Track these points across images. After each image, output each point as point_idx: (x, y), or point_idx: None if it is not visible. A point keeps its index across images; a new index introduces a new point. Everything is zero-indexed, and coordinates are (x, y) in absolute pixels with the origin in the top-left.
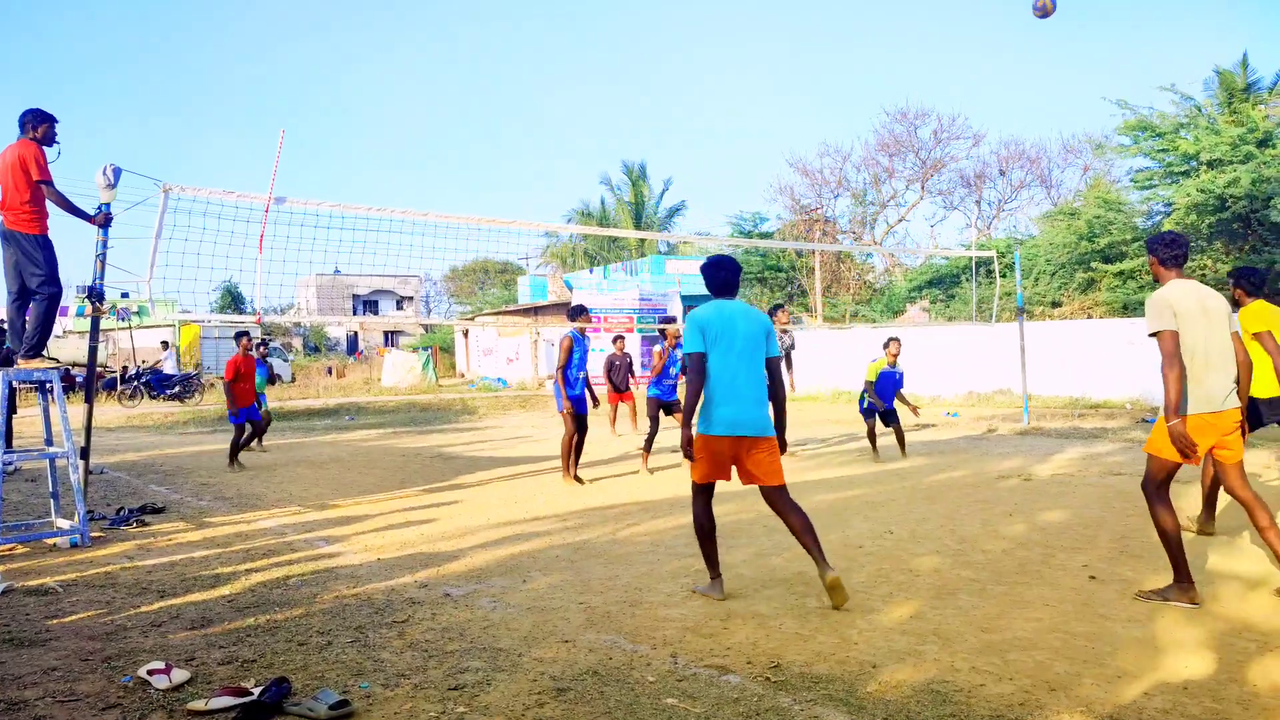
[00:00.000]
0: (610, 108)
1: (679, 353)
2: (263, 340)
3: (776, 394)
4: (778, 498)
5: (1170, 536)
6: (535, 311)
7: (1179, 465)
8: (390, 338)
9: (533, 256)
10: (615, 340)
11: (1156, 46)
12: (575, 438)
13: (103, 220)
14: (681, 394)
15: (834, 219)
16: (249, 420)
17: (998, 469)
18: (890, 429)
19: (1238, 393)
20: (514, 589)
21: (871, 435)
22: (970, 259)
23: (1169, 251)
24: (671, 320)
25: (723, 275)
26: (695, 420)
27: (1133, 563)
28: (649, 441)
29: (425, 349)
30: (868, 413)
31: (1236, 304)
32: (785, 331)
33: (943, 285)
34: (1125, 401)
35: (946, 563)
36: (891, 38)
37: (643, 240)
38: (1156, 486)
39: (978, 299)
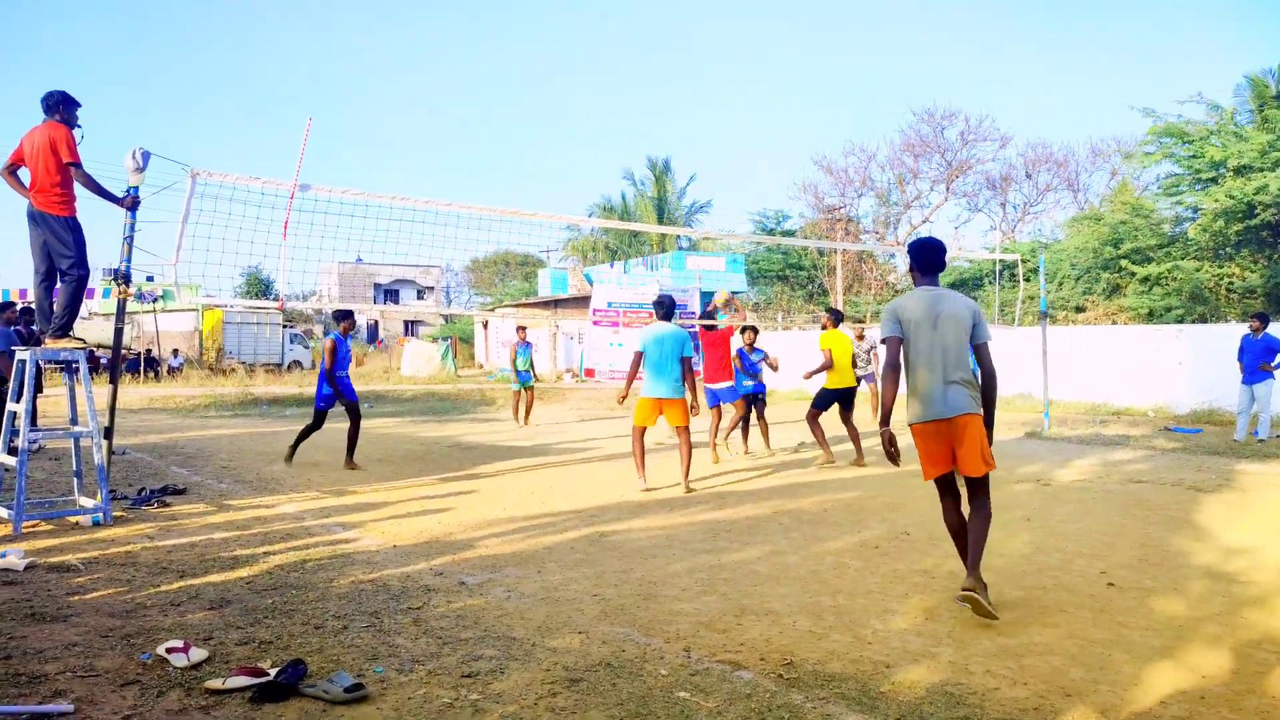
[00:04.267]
0: (635, 104)
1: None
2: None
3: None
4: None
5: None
6: (555, 304)
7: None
8: (410, 327)
9: (554, 250)
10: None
11: (1188, 51)
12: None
13: (130, 203)
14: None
15: (857, 218)
16: None
17: (1017, 473)
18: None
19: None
20: (529, 579)
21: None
22: (994, 262)
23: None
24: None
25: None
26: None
27: (1152, 571)
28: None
29: (445, 339)
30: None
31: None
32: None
33: (965, 288)
34: (1148, 409)
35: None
36: (920, 38)
37: (664, 235)
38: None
39: (1000, 302)
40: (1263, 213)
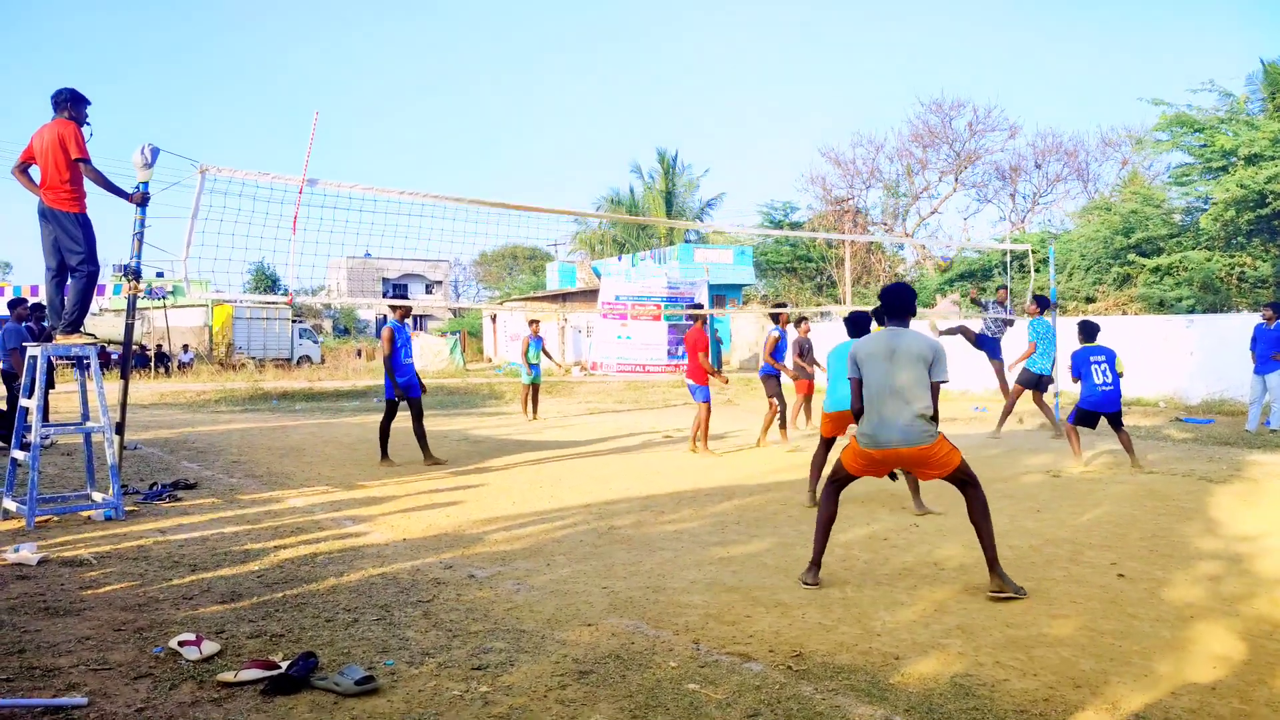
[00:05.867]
0: (642, 97)
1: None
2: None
3: None
4: None
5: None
6: (564, 298)
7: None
8: (419, 321)
9: (562, 243)
10: (800, 323)
11: (1200, 38)
12: (390, 422)
13: (140, 199)
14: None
15: (865, 210)
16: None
17: (1026, 465)
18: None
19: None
20: (538, 572)
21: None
22: (1003, 252)
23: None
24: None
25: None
26: None
27: (1163, 562)
28: (784, 418)
29: (453, 333)
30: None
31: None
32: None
33: (975, 278)
34: (1159, 399)
35: (972, 557)
36: (928, 27)
37: (672, 228)
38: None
39: (1010, 293)
40: (1274, 202)
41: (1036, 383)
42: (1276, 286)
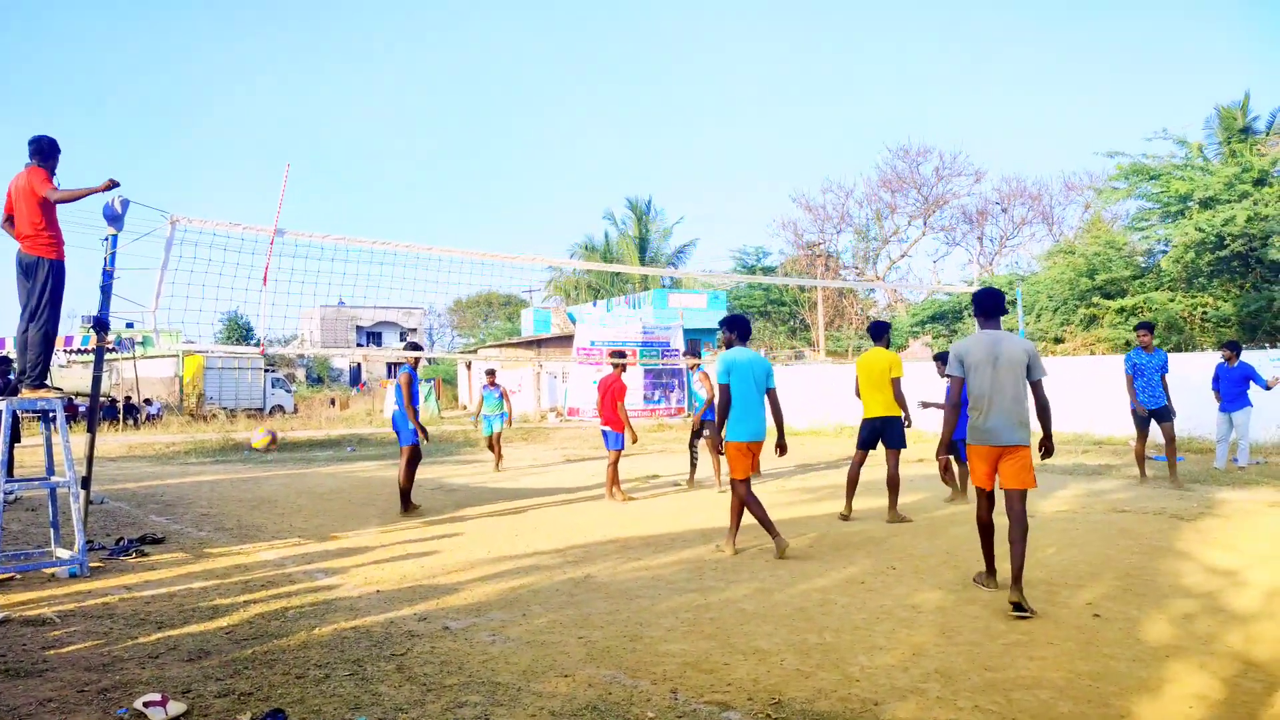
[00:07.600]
0: (615, 143)
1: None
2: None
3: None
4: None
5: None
6: (539, 344)
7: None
8: (393, 369)
9: (536, 290)
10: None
11: (1160, 83)
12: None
13: (109, 185)
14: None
15: (837, 254)
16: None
17: (999, 505)
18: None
19: None
20: (513, 623)
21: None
22: (972, 295)
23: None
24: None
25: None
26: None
27: (1138, 601)
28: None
29: (428, 381)
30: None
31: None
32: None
33: (945, 320)
34: (1128, 438)
35: (949, 599)
36: (895, 75)
37: (646, 274)
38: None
39: None
40: (1232, 243)
41: (1146, 420)
42: (1240, 325)
